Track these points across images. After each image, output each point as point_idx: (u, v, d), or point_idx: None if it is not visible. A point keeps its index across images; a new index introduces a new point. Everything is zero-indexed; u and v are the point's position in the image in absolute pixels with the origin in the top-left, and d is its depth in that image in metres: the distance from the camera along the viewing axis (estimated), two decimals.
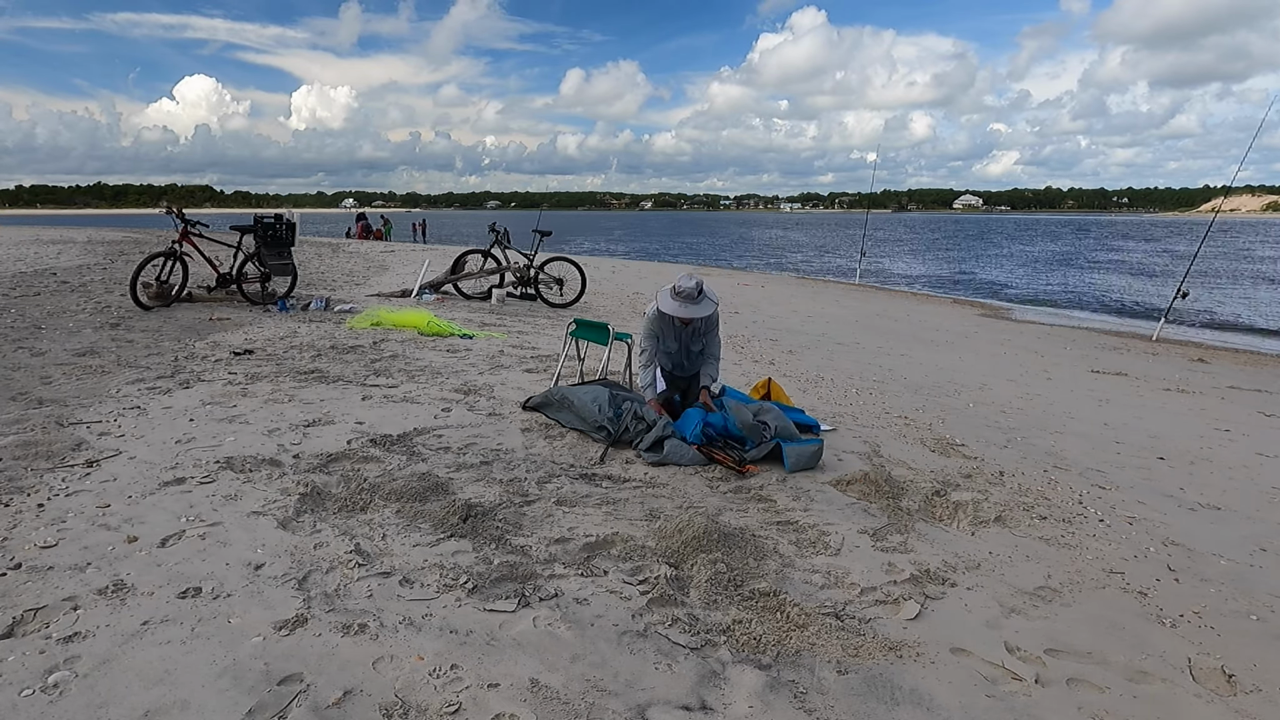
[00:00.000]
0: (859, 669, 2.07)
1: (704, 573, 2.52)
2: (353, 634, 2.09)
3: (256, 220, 8.32)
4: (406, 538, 2.70)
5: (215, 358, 5.52)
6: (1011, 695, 2.01)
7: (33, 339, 5.93)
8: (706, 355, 4.36)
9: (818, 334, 9.36)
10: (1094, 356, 9.12)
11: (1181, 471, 4.20)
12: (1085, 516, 3.32)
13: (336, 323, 7.38)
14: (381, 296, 9.69)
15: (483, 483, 3.26)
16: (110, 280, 10.06)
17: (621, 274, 17.02)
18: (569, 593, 2.39)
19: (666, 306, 4.09)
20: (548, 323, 8.38)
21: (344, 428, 3.93)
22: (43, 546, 2.50)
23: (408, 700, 1.83)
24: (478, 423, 4.15)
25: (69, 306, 7.67)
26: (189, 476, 3.16)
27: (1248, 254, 34.45)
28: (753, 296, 14.06)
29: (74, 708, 1.75)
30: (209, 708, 1.77)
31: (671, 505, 3.13)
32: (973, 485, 3.61)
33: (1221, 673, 2.16)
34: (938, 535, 3.01)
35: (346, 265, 14.57)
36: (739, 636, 2.18)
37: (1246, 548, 3.12)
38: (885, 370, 6.93)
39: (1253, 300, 17.74)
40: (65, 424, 3.79)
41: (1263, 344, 12.22)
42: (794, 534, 2.92)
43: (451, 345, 6.45)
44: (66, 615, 2.12)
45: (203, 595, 2.25)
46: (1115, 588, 2.65)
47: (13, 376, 4.72)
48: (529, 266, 9.89)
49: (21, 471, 3.14)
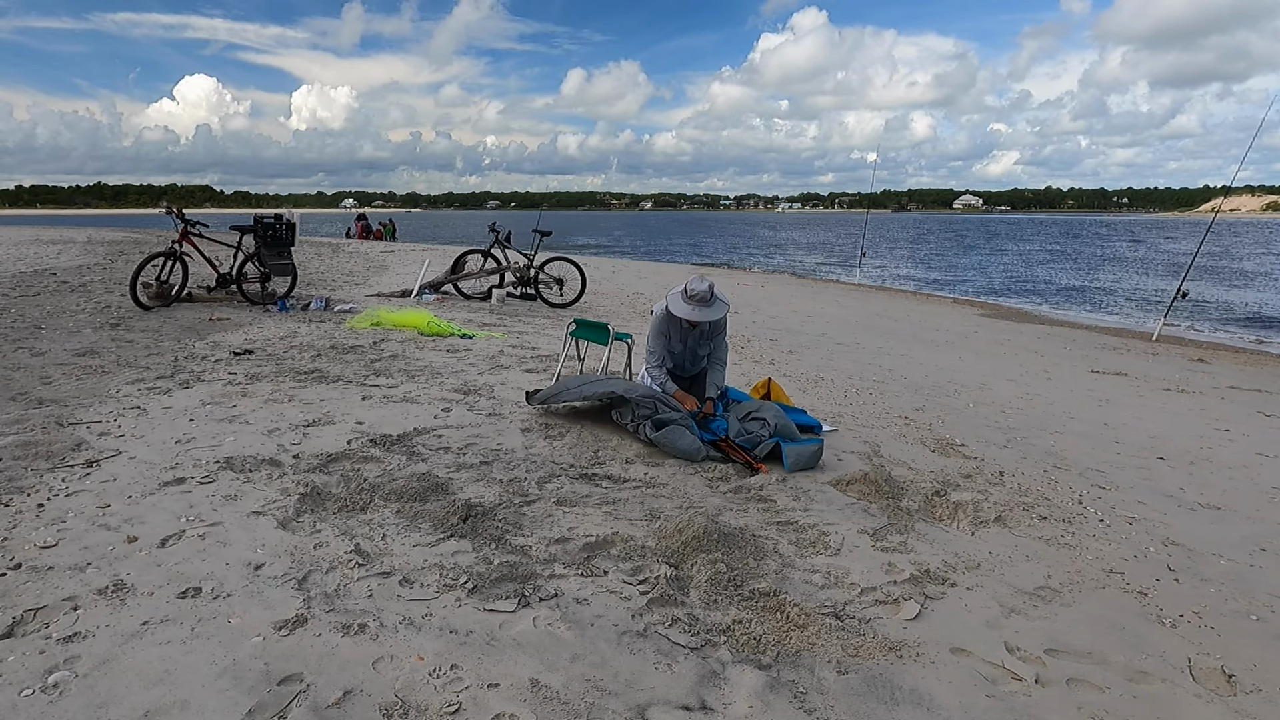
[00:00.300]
0: (859, 669, 2.07)
1: (704, 573, 2.52)
2: (353, 634, 2.09)
3: (256, 220, 8.33)
4: (406, 538, 2.70)
5: (215, 358, 5.52)
6: (1011, 695, 2.01)
7: (33, 339, 5.93)
8: (713, 361, 4.26)
9: (818, 334, 9.36)
10: (1094, 356, 9.12)
11: (1181, 471, 4.20)
12: (1085, 516, 3.32)
13: (336, 323, 7.39)
14: (381, 296, 9.70)
15: (483, 483, 3.26)
16: (110, 280, 10.07)
17: (621, 274, 17.03)
18: (569, 593, 2.38)
19: (678, 310, 4.02)
20: (548, 323, 8.38)
21: (344, 428, 3.93)
22: (43, 546, 2.50)
23: (408, 700, 1.83)
24: (478, 423, 4.15)
25: (69, 306, 7.67)
26: (189, 476, 3.16)
27: (1228, 253, 34.49)
28: (753, 296, 14.06)
29: (74, 708, 1.75)
30: (209, 708, 1.77)
31: (671, 505, 3.13)
32: (973, 485, 3.61)
33: (1221, 673, 2.16)
34: (938, 535, 3.01)
35: (346, 265, 14.57)
36: (739, 636, 2.18)
37: (1246, 548, 3.12)
38: (885, 370, 6.93)
39: (1249, 301, 17.75)
40: (65, 424, 3.79)
41: (1262, 334, 12.24)
42: (794, 534, 2.92)
43: (451, 345, 6.45)
44: (66, 615, 2.12)
45: (203, 595, 2.25)
46: (1115, 588, 2.65)
47: (13, 376, 4.72)
48: (529, 266, 9.89)
49: (21, 471, 3.14)
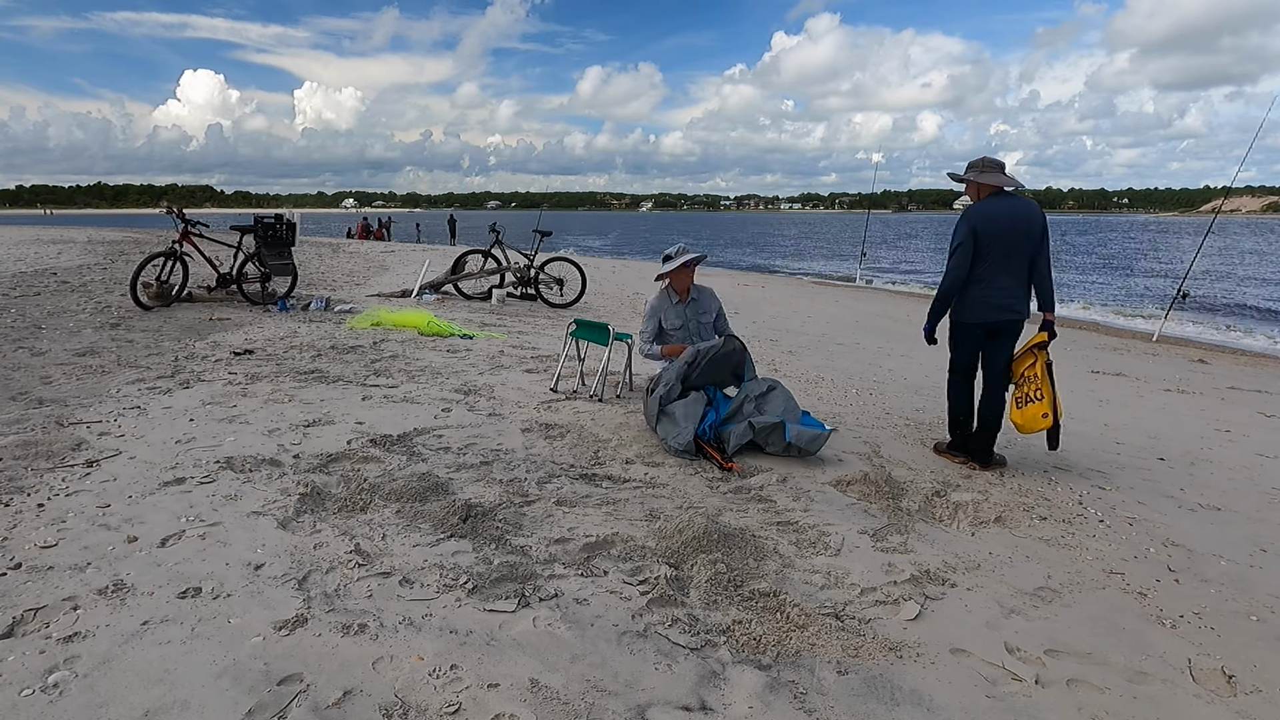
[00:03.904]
0: (859, 669, 2.07)
1: (704, 573, 2.51)
2: (353, 634, 2.09)
3: (256, 220, 8.33)
4: (406, 538, 2.70)
5: (215, 358, 5.52)
6: (1011, 695, 2.00)
7: (33, 339, 5.93)
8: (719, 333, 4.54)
9: (818, 334, 9.36)
10: (1094, 357, 9.11)
11: (1181, 472, 4.20)
12: (1085, 517, 3.32)
13: (336, 323, 7.39)
14: (381, 296, 9.70)
15: (483, 483, 3.26)
16: (110, 280, 10.07)
17: (621, 274, 17.03)
18: (569, 593, 2.38)
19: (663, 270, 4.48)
20: (548, 323, 8.37)
21: (344, 428, 3.93)
22: (43, 546, 2.50)
23: (408, 700, 1.83)
24: (478, 423, 4.15)
25: (69, 306, 7.67)
26: (189, 476, 3.16)
27: (1229, 252, 34.49)
28: (753, 297, 14.07)
29: (74, 708, 1.75)
30: (209, 708, 1.77)
31: (671, 505, 3.12)
32: (973, 485, 3.60)
33: (1221, 673, 2.16)
34: (938, 535, 3.01)
35: (346, 265, 14.58)
36: (739, 637, 2.18)
37: (1247, 548, 3.12)
38: (885, 371, 6.93)
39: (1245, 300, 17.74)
40: (65, 424, 3.79)
41: (1262, 327, 12.22)
42: (794, 534, 2.92)
43: (451, 345, 6.45)
44: (66, 615, 2.12)
45: (203, 595, 2.25)
46: (1115, 588, 2.65)
47: (13, 376, 4.72)
48: (529, 267, 9.89)
49: (21, 471, 3.14)
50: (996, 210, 3.68)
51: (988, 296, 3.69)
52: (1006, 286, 3.67)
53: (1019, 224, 3.64)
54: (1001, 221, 3.64)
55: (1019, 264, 3.67)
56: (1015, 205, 3.70)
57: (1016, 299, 3.70)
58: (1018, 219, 3.65)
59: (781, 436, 3.71)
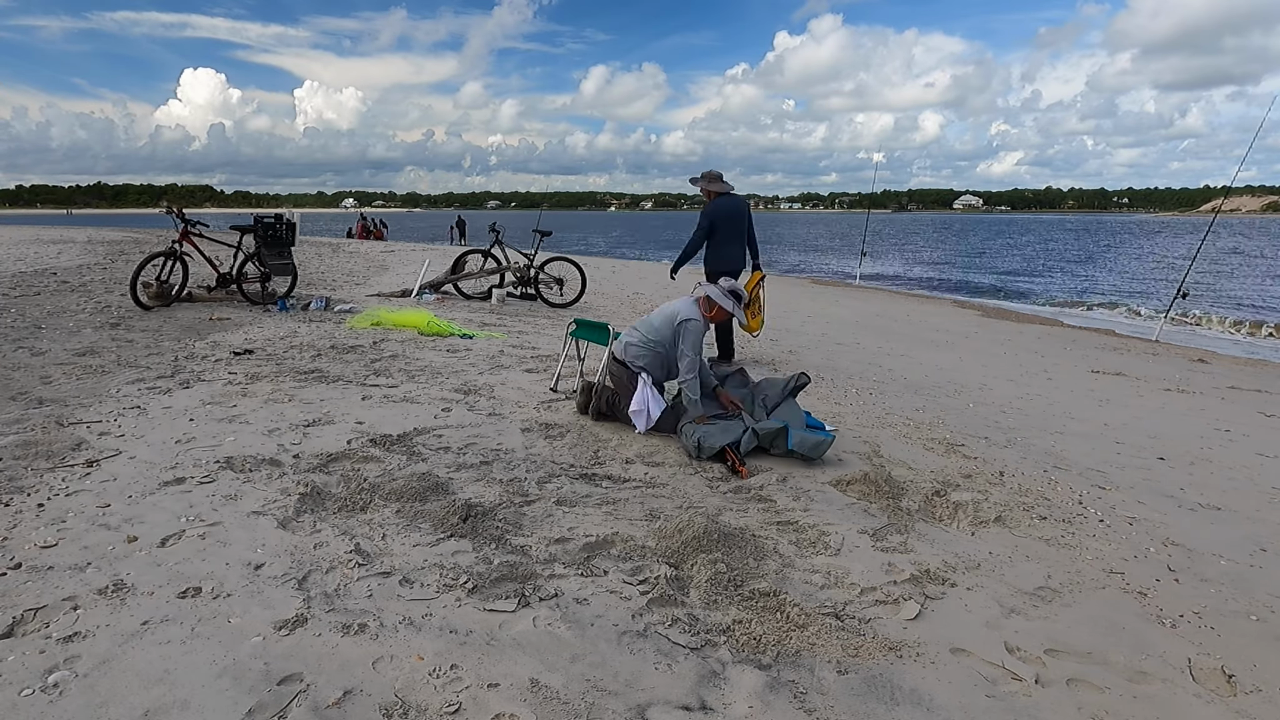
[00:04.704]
0: (859, 669, 2.07)
1: (704, 573, 2.52)
2: (353, 634, 2.09)
3: (256, 220, 8.33)
4: (406, 538, 2.70)
5: (215, 358, 5.52)
6: (1011, 695, 2.00)
7: (33, 339, 5.93)
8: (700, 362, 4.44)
9: (818, 334, 9.36)
10: (1094, 357, 9.12)
11: (1181, 472, 4.20)
12: (1085, 517, 3.32)
13: (336, 323, 7.38)
14: (381, 296, 9.69)
15: (483, 483, 3.26)
16: (110, 280, 10.07)
17: (621, 274, 17.03)
18: (569, 593, 2.38)
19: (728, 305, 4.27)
20: (548, 323, 8.37)
21: (344, 428, 3.93)
22: (43, 546, 2.50)
23: (408, 700, 1.83)
24: (478, 423, 4.15)
25: (69, 306, 7.67)
26: (189, 476, 3.16)
27: (1231, 251, 34.48)
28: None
29: (74, 708, 1.75)
30: (209, 708, 1.77)
31: (671, 505, 3.13)
32: (973, 485, 3.61)
33: (1221, 673, 2.16)
34: (938, 535, 3.01)
35: (346, 265, 14.57)
36: (739, 636, 2.18)
37: (1247, 548, 3.12)
38: (885, 370, 6.93)
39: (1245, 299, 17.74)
40: (65, 424, 3.79)
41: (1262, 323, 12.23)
42: (794, 534, 2.92)
43: (451, 345, 6.45)
44: (66, 615, 2.12)
45: (203, 595, 2.25)
46: (1115, 588, 2.65)
47: (13, 376, 4.72)
48: (529, 266, 9.89)
49: (21, 471, 3.14)
50: (725, 206, 6.06)
51: (724, 256, 6.05)
52: (733, 250, 6.07)
53: (736, 214, 6.06)
54: (729, 212, 6.05)
55: (739, 236, 6.08)
56: (735, 202, 6.12)
57: (738, 257, 6.09)
58: (736, 210, 6.07)
59: (784, 442, 3.72)
